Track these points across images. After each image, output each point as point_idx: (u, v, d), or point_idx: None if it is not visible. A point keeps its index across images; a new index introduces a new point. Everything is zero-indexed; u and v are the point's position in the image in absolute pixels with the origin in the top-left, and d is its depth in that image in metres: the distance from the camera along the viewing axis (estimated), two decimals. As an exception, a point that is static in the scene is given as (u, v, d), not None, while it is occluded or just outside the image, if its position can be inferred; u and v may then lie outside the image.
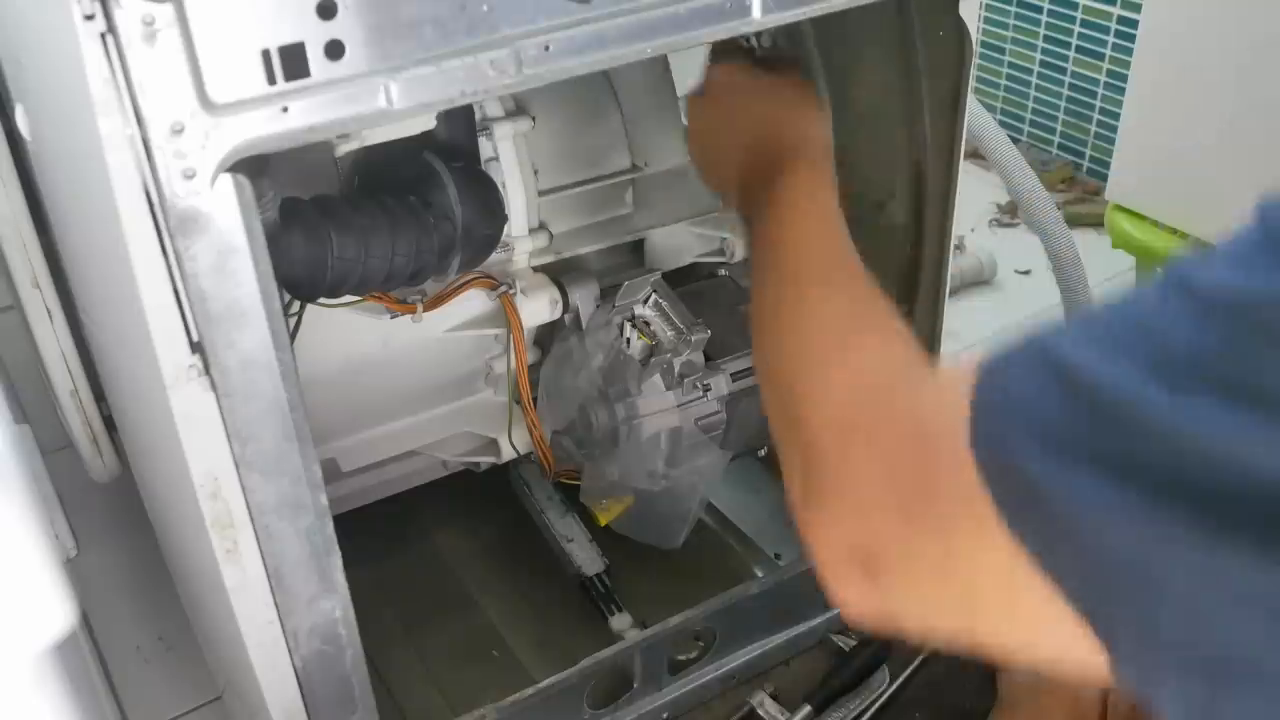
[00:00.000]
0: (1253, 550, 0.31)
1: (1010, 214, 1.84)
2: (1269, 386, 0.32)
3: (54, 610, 0.44)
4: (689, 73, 0.93)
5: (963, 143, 0.87)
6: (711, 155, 0.80)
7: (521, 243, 0.93)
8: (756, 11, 0.62)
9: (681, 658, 0.97)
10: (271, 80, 0.51)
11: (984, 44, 2.07)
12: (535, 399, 0.98)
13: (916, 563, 0.46)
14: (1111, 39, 1.86)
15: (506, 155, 0.91)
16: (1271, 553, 0.31)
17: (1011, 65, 2.06)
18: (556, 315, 0.94)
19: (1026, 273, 1.71)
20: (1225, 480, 0.32)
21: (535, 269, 0.95)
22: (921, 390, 0.50)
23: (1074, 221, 1.68)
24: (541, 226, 0.94)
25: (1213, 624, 0.33)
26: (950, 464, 0.41)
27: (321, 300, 0.82)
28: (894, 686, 0.97)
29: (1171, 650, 0.35)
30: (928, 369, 0.53)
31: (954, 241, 0.93)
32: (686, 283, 1.00)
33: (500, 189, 0.88)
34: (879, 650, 1.01)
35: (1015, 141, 1.20)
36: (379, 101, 0.54)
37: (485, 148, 0.90)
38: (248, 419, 0.59)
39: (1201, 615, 0.33)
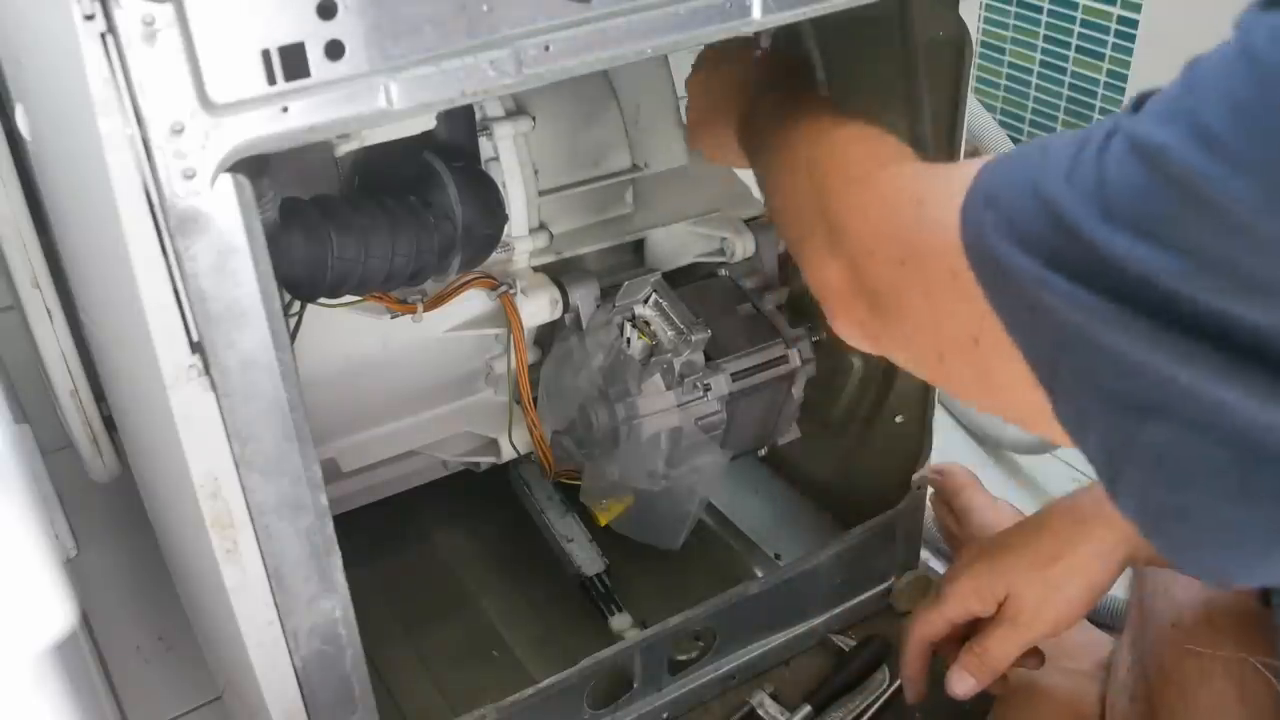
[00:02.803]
0: (1157, 324, 0.42)
1: (1010, 214, 1.84)
2: (1168, 228, 0.41)
3: (54, 610, 0.44)
4: (689, 73, 0.93)
5: (963, 143, 0.87)
6: (712, 128, 0.88)
7: (521, 243, 0.93)
8: (756, 11, 0.62)
9: (681, 658, 0.97)
10: (271, 80, 0.51)
11: (984, 44, 2.07)
12: (535, 399, 0.98)
13: (907, 307, 0.57)
14: (1111, 39, 1.86)
15: (507, 155, 0.91)
16: (1171, 327, 0.42)
17: (1011, 65, 2.06)
18: (556, 315, 0.94)
19: (1026, 273, 1.71)
20: (1137, 282, 0.42)
21: (535, 269, 0.95)
22: (931, 171, 0.60)
23: (1074, 221, 1.67)
24: (542, 226, 0.94)
25: (1134, 374, 0.43)
26: (942, 236, 0.51)
27: (321, 300, 0.82)
28: (894, 686, 0.97)
29: (1101, 393, 0.45)
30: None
31: (954, 241, 0.93)
32: (686, 283, 1.00)
33: (500, 189, 0.88)
34: (879, 650, 1.01)
35: (1015, 141, 1.20)
36: (379, 101, 0.54)
37: (485, 148, 0.90)
38: (248, 419, 0.59)
39: (1127, 368, 0.44)
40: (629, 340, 0.92)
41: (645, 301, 0.92)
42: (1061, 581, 0.81)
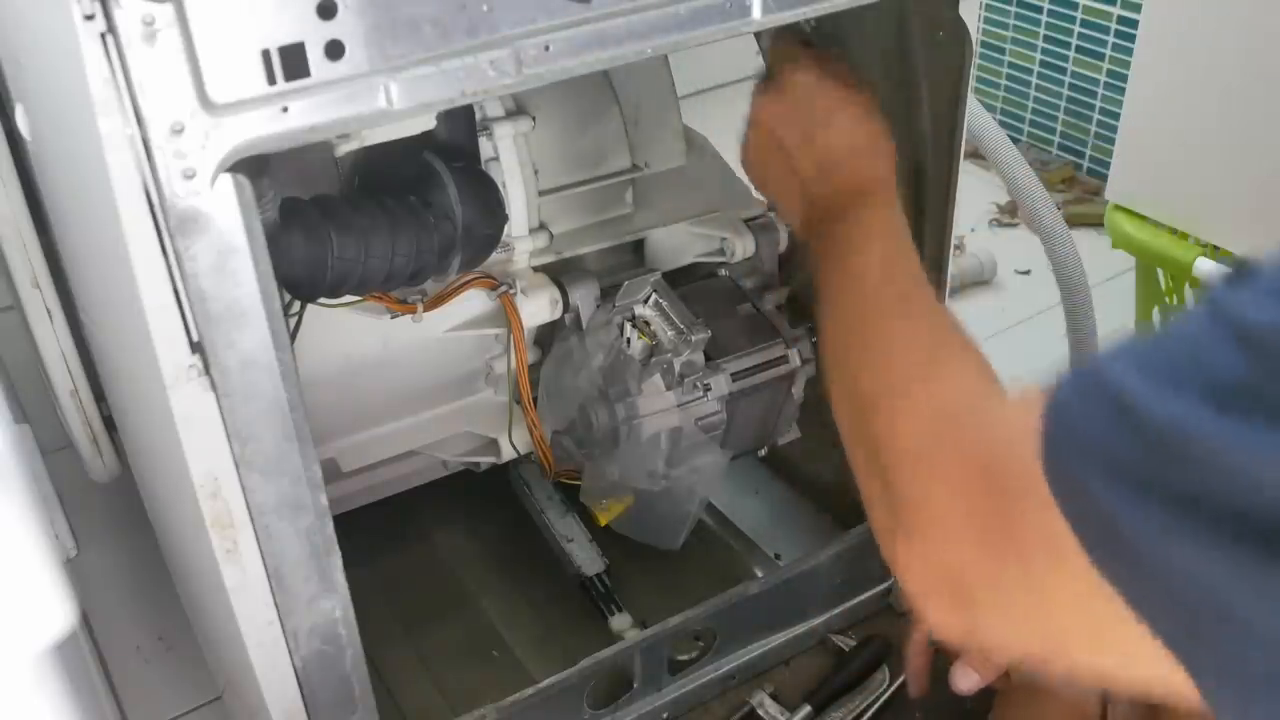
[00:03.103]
0: None
1: (1010, 214, 1.84)
2: None
3: (54, 610, 0.44)
4: (689, 73, 0.93)
5: (963, 143, 0.87)
6: (772, 174, 0.79)
7: (521, 243, 0.93)
8: (757, 12, 0.62)
9: (681, 658, 0.97)
10: (271, 80, 0.51)
11: (984, 44, 2.07)
12: (535, 399, 0.98)
13: (1002, 592, 0.48)
14: (1111, 39, 1.86)
15: (507, 155, 0.91)
16: None
17: (1011, 65, 2.06)
18: (556, 315, 0.94)
19: (1026, 273, 1.71)
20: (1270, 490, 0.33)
21: (535, 269, 0.95)
22: (994, 422, 0.51)
23: (1074, 221, 1.68)
24: (542, 226, 0.94)
25: None
26: (1025, 496, 0.43)
27: (321, 300, 0.82)
28: (894, 686, 0.98)
29: (1258, 678, 0.36)
30: (1000, 398, 0.55)
31: (954, 241, 0.93)
32: (686, 283, 1.00)
33: (500, 189, 0.88)
34: (879, 650, 1.01)
35: (1015, 141, 1.20)
36: (379, 101, 0.54)
37: (485, 148, 0.90)
38: (248, 419, 0.59)
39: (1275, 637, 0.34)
40: (629, 340, 0.92)
41: (645, 301, 0.92)
42: None
